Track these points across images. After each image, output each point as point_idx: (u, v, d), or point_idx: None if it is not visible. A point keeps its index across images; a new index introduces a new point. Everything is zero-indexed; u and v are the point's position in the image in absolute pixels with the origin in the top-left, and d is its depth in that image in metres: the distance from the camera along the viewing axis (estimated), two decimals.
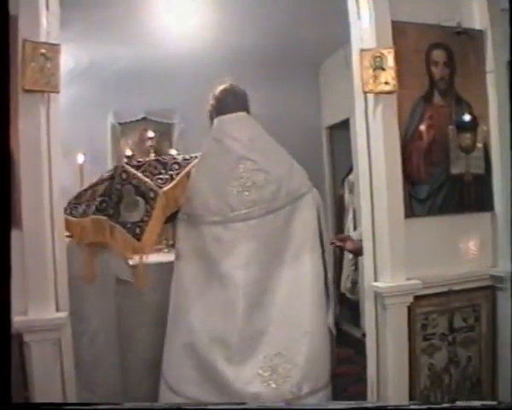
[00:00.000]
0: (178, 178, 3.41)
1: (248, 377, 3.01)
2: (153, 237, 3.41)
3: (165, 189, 3.37)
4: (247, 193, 3.14)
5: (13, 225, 2.99)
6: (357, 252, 3.78)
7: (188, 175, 3.40)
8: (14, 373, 3.00)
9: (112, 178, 3.57)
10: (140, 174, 3.47)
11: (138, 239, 3.39)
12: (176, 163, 3.51)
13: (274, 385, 3.01)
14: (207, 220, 3.18)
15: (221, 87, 3.51)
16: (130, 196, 3.45)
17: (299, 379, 3.04)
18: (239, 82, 3.73)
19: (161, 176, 3.44)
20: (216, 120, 3.37)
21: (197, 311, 3.16)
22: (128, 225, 3.42)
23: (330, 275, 3.39)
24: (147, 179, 3.44)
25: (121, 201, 3.46)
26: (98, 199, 3.53)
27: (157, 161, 3.60)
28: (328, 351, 3.26)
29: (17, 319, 2.93)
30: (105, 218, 3.46)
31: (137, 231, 3.39)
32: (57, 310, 3.11)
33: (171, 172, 3.45)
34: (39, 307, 3.03)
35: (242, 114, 3.41)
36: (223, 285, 3.12)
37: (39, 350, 3.04)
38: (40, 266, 3.06)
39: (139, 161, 3.66)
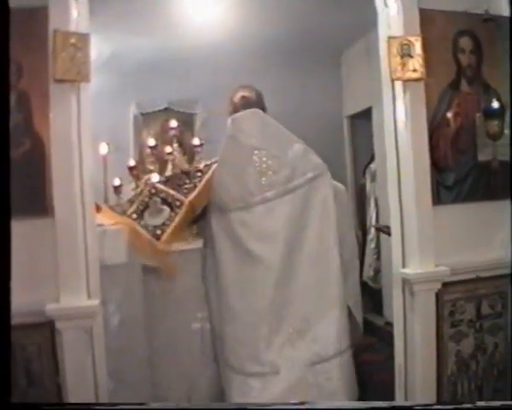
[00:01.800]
0: (201, 184, 3.61)
1: (279, 345, 3.20)
2: (173, 238, 3.55)
3: (191, 198, 3.56)
4: (263, 178, 3.32)
5: (45, 213, 3.05)
6: None
7: (209, 180, 3.59)
8: (46, 360, 3.06)
9: (141, 192, 3.80)
10: (167, 188, 3.67)
11: (158, 239, 3.50)
12: (198, 171, 3.71)
13: (303, 349, 3.20)
14: (232, 207, 3.35)
15: (238, 95, 3.62)
16: (155, 206, 3.61)
17: (324, 344, 3.21)
18: (259, 75, 3.82)
19: (186, 186, 3.65)
20: (229, 120, 3.52)
21: (234, 290, 3.32)
22: (149, 228, 3.54)
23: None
24: (173, 192, 3.63)
25: (146, 209, 3.63)
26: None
27: (182, 172, 3.84)
28: (347, 318, 3.39)
29: (49, 307, 3.00)
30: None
31: (158, 232, 3.52)
32: (89, 297, 3.14)
33: (195, 181, 3.64)
34: (71, 295, 3.07)
35: (252, 110, 3.53)
36: (252, 264, 3.29)
37: (71, 337, 3.08)
38: (72, 254, 3.10)
39: (167, 177, 4.08)
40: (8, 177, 2.35)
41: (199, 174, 3.67)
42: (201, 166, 3.77)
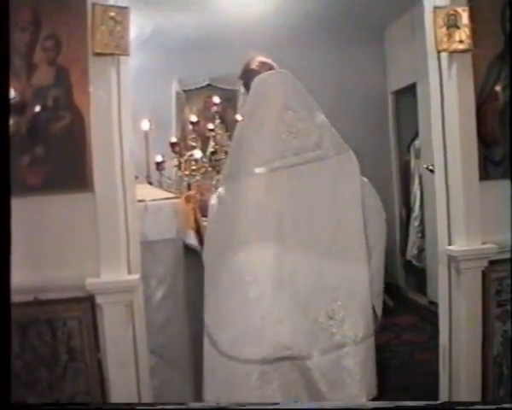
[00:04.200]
0: None
1: (308, 324, 3.07)
2: None
3: None
4: (293, 140, 3.18)
5: (85, 187, 3.06)
6: None
7: None
8: (87, 335, 3.08)
9: None
10: None
11: None
12: None
13: (334, 330, 3.07)
14: (255, 168, 3.19)
15: (256, 60, 3.59)
16: None
17: (354, 325, 3.10)
18: (302, 51, 3.77)
19: None
20: (256, 79, 3.42)
21: (249, 256, 3.15)
22: None
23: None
24: None
25: None
26: None
27: None
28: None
29: (90, 281, 3.01)
30: None
31: None
32: (129, 272, 3.14)
33: None
34: (112, 270, 3.07)
35: (281, 70, 3.47)
36: (273, 226, 3.12)
37: (111, 312, 3.09)
38: (112, 229, 3.09)
39: None
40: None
41: None
42: None
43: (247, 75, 3.58)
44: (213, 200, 3.35)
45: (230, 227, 3.20)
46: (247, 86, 3.58)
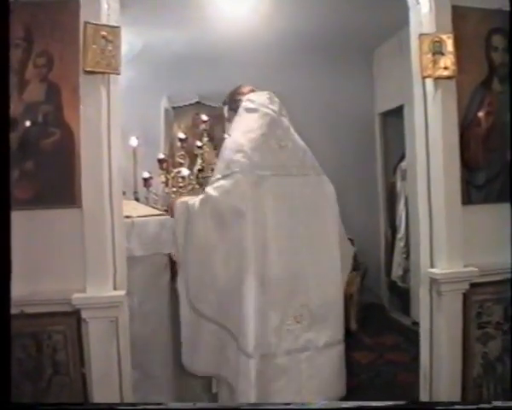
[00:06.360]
0: None
1: (276, 324, 3.16)
2: None
3: None
4: (281, 152, 3.34)
5: (73, 203, 3.08)
6: None
7: None
8: (72, 349, 3.10)
9: None
10: None
11: None
12: None
13: (297, 333, 3.20)
14: (245, 174, 3.23)
15: (247, 88, 3.69)
16: None
17: (318, 331, 3.24)
18: (291, 71, 3.78)
19: None
20: (245, 98, 3.54)
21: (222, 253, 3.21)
22: None
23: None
24: None
25: None
26: None
27: None
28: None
29: (76, 296, 3.04)
30: None
31: None
32: (115, 288, 3.17)
33: None
34: (97, 285, 3.10)
35: (269, 92, 3.58)
36: (257, 228, 3.17)
37: (97, 327, 3.12)
38: (99, 245, 3.13)
39: None
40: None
41: None
42: None
43: (235, 98, 3.66)
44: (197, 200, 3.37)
45: (218, 226, 3.24)
46: (233, 109, 3.66)
